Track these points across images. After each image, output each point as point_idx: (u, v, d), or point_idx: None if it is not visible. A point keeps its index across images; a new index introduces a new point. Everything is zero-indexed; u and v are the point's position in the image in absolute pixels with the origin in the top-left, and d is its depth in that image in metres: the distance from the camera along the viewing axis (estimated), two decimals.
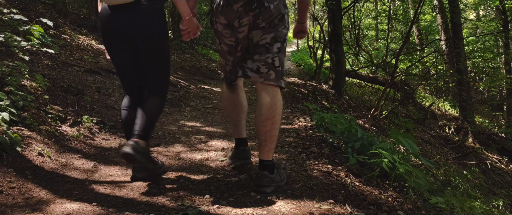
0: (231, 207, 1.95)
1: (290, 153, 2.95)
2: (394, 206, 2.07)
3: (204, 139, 3.60)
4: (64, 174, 2.47)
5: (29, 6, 7.12)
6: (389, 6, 12.46)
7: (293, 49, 19.36)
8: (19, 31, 3.29)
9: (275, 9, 2.04)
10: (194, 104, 5.67)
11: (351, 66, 11.55)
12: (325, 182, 2.31)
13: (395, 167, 2.54)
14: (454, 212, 2.32)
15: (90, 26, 8.16)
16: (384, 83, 9.53)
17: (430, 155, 6.65)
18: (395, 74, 7.04)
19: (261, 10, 2.01)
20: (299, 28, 2.44)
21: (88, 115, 3.60)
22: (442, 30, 10.91)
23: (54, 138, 2.94)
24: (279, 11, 2.05)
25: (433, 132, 9.07)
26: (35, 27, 3.20)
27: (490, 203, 3.83)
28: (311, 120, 4.27)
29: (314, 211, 1.89)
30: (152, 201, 2.06)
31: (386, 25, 11.50)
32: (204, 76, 8.50)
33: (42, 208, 1.94)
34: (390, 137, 4.11)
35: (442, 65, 10.89)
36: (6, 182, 2.13)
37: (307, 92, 7.06)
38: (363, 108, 8.57)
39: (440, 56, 10.09)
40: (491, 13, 15.65)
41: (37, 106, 3.19)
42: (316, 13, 13.22)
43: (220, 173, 2.55)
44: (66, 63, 5.22)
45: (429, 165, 3.34)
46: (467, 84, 9.50)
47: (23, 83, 3.39)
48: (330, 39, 8.01)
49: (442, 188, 3.01)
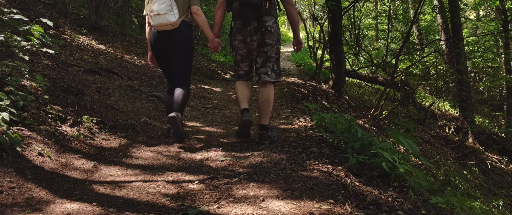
0: (231, 207, 1.95)
1: (290, 153, 2.95)
2: (394, 206, 2.07)
3: (204, 139, 3.60)
4: (64, 174, 2.47)
5: (29, 6, 7.12)
6: (389, 6, 12.46)
7: (293, 49, 19.36)
8: (19, 31, 3.29)
9: (275, 32, 3.10)
10: (194, 104, 5.67)
11: (351, 66, 11.55)
12: (325, 182, 2.31)
13: (395, 167, 2.54)
14: (454, 212, 2.32)
15: (90, 26, 8.16)
16: (384, 83, 9.53)
17: (430, 155, 6.65)
18: (395, 74, 7.04)
19: (266, 31, 3.06)
20: (296, 42, 3.33)
21: (88, 115, 3.60)
22: (442, 30, 10.90)
23: (54, 138, 2.94)
24: (277, 33, 3.12)
25: (433, 132, 9.07)
26: (35, 27, 3.20)
27: (490, 203, 3.84)
28: (311, 120, 4.27)
29: (314, 211, 1.89)
30: (152, 201, 2.06)
31: (386, 25, 11.50)
32: (204, 76, 8.50)
33: (42, 208, 1.94)
34: (390, 137, 4.10)
35: (442, 65, 10.89)
36: (6, 182, 2.13)
37: (307, 92, 7.06)
38: (363, 108, 8.57)
39: (440, 56, 10.08)
40: (491, 13, 15.65)
41: (37, 106, 3.19)
42: (316, 13, 13.21)
43: (220, 173, 2.55)
44: (66, 63, 5.22)
45: (429, 165, 3.34)
46: (467, 84, 9.50)
47: (23, 83, 3.39)
48: (330, 39, 8.00)
49: (442, 188, 3.01)
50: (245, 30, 3.08)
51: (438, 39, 10.96)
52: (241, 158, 2.89)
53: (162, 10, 3.04)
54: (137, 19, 13.87)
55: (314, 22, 13.40)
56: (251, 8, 2.97)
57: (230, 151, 3.13)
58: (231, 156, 2.95)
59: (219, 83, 8.00)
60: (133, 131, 3.72)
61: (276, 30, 3.10)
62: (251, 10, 2.98)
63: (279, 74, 3.24)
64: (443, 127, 10.15)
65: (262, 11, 2.99)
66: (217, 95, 6.54)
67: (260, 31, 3.05)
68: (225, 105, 5.73)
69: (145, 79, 6.20)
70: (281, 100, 6.03)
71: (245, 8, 2.99)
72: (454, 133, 9.60)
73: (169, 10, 3.05)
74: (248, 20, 3.06)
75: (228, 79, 8.68)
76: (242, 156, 2.95)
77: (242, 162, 2.78)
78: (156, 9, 3.06)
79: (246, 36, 3.10)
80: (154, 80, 6.32)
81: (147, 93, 5.33)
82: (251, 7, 2.97)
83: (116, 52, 7.34)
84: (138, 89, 5.35)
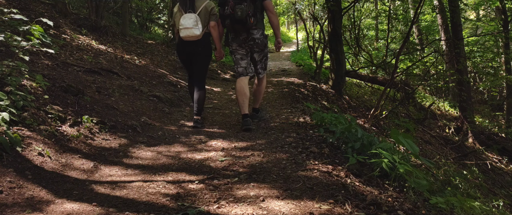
0: (231, 207, 1.95)
1: (290, 153, 2.95)
2: (394, 206, 2.07)
3: (204, 139, 3.60)
4: (64, 174, 2.47)
5: (29, 6, 7.12)
6: (389, 6, 12.45)
7: (293, 49, 19.33)
8: (19, 31, 3.29)
9: (262, 42, 3.96)
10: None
11: (351, 66, 11.53)
12: (325, 182, 2.31)
13: (395, 167, 2.54)
14: (454, 212, 2.32)
15: (90, 26, 8.16)
16: (384, 83, 9.53)
17: (430, 155, 6.65)
18: (395, 74, 7.03)
19: (255, 42, 3.92)
20: (276, 42, 4.12)
21: (88, 115, 3.60)
22: (442, 30, 10.89)
23: (54, 138, 2.94)
24: (264, 42, 3.98)
25: (433, 132, 9.07)
26: (35, 27, 3.20)
27: (490, 203, 3.84)
28: (311, 120, 4.28)
29: (314, 211, 1.89)
30: (152, 201, 2.06)
31: (386, 25, 11.48)
32: None
33: (42, 208, 1.94)
34: (390, 137, 4.10)
35: (442, 65, 10.87)
36: (6, 182, 2.13)
37: (307, 92, 7.06)
38: (363, 108, 8.56)
39: (440, 56, 10.07)
40: (491, 13, 15.64)
41: (37, 106, 3.19)
42: (316, 13, 13.20)
43: (220, 173, 2.55)
44: (66, 63, 5.22)
45: (429, 165, 3.34)
46: (467, 84, 9.49)
47: (23, 83, 3.39)
48: (330, 39, 8.00)
49: (442, 188, 3.01)
50: (238, 39, 3.93)
51: (438, 39, 10.95)
52: (241, 158, 2.89)
53: (189, 24, 3.80)
54: (137, 19, 13.87)
55: (314, 22, 13.39)
56: (239, 24, 3.74)
57: (230, 151, 3.13)
58: (231, 156, 2.95)
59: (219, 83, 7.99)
60: (133, 131, 3.72)
61: (263, 40, 3.95)
62: (240, 25, 3.75)
63: (266, 68, 4.27)
64: (443, 127, 10.14)
65: (249, 25, 3.74)
66: (217, 95, 6.54)
67: (250, 42, 3.91)
68: (225, 105, 5.73)
69: (145, 79, 6.20)
70: (281, 101, 6.02)
71: (234, 24, 3.76)
72: (454, 133, 9.60)
73: (195, 25, 3.81)
74: (239, 32, 3.85)
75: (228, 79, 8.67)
76: (242, 156, 2.95)
77: (242, 162, 2.78)
78: (184, 23, 3.81)
79: (240, 43, 3.95)
80: (154, 80, 6.32)
81: (147, 93, 5.33)
82: (239, 22, 3.73)
83: (116, 52, 7.34)
84: (138, 89, 5.35)
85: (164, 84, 6.35)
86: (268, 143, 3.33)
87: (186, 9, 3.88)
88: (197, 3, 3.91)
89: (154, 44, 9.95)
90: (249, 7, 3.69)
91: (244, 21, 3.69)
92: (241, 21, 3.69)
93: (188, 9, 3.86)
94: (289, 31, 31.49)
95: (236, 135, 3.74)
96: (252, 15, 3.72)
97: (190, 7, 3.87)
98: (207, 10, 3.93)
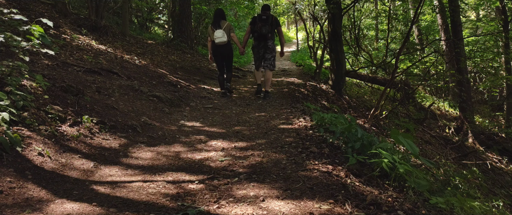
0: (231, 207, 1.95)
1: (290, 153, 2.95)
2: (394, 206, 2.07)
3: (204, 139, 3.60)
4: (64, 174, 2.47)
5: (29, 6, 7.12)
6: (389, 6, 12.45)
7: (293, 49, 19.35)
8: (19, 31, 3.29)
9: (272, 48, 6.22)
10: (194, 104, 5.67)
11: (351, 66, 11.54)
12: (325, 182, 2.31)
13: (395, 167, 2.54)
14: (454, 212, 2.32)
15: (90, 26, 8.16)
16: (384, 83, 9.53)
17: (430, 155, 6.65)
18: (395, 74, 7.03)
19: (267, 49, 6.18)
20: (281, 53, 6.62)
21: (88, 115, 3.60)
22: (442, 30, 10.89)
23: (54, 138, 2.94)
24: (273, 48, 6.24)
25: (433, 132, 9.07)
26: (35, 27, 3.20)
27: (490, 203, 3.83)
28: (311, 120, 4.27)
29: (314, 211, 1.89)
30: (152, 201, 2.06)
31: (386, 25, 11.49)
32: (204, 76, 8.50)
33: (42, 208, 1.94)
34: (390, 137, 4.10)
35: (442, 65, 10.88)
36: (6, 182, 2.13)
37: (307, 92, 7.06)
38: (363, 108, 8.56)
39: (440, 56, 10.07)
40: (491, 13, 15.62)
41: (37, 106, 3.19)
42: (316, 13, 13.20)
43: (220, 173, 2.55)
44: (66, 63, 5.22)
45: (429, 165, 3.34)
46: (467, 84, 9.48)
47: (23, 83, 3.39)
48: (330, 39, 8.00)
49: (442, 188, 3.01)
50: (259, 45, 6.20)
51: (438, 39, 10.95)
52: (241, 158, 2.89)
53: (220, 35, 5.97)
54: (137, 19, 13.87)
55: (314, 22, 13.39)
56: (262, 36, 6.06)
57: (230, 151, 3.13)
58: (231, 156, 2.95)
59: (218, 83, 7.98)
60: (133, 131, 3.72)
61: (273, 47, 6.20)
62: (262, 37, 6.06)
63: (274, 65, 6.34)
64: (443, 127, 10.14)
65: (267, 37, 6.05)
66: (217, 95, 6.54)
67: (265, 47, 6.16)
68: (225, 105, 5.73)
69: (145, 79, 6.20)
70: (281, 100, 6.03)
71: (259, 36, 6.07)
72: (454, 133, 9.60)
73: (224, 36, 5.99)
74: (260, 41, 6.14)
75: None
76: (242, 156, 2.95)
77: (242, 162, 2.78)
78: (218, 35, 5.97)
79: (259, 48, 6.21)
80: (154, 80, 6.32)
81: (147, 93, 5.33)
82: (262, 36, 6.05)
83: (116, 52, 7.34)
84: (138, 89, 5.35)
85: (164, 84, 6.35)
86: (268, 143, 3.33)
87: (216, 27, 6.08)
88: (221, 24, 6.11)
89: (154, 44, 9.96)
90: (269, 28, 5.95)
91: (265, 36, 6.01)
92: (263, 35, 6.02)
93: (217, 28, 6.06)
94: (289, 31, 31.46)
95: (236, 135, 3.74)
96: (270, 32, 5.98)
97: (218, 27, 6.07)
98: (228, 28, 6.13)
